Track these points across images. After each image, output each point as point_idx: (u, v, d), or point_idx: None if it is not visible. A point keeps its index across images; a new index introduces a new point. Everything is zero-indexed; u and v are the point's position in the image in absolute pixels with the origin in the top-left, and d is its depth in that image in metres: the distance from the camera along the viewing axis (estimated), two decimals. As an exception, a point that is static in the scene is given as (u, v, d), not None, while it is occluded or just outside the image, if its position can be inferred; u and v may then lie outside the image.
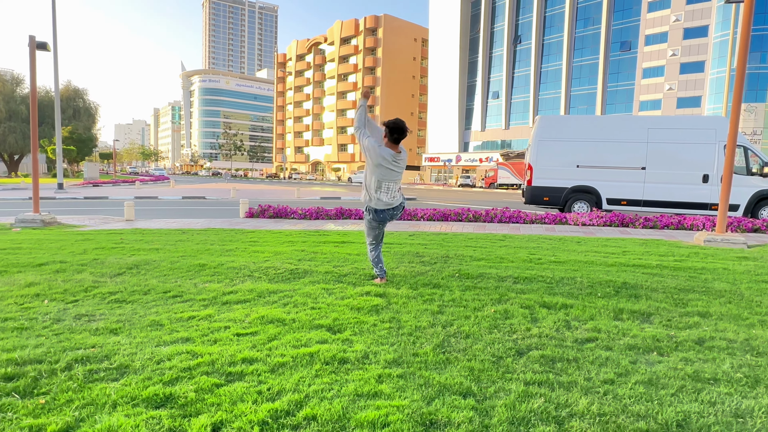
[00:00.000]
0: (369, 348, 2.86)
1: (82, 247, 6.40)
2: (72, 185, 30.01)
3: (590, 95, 54.59)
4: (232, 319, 3.39)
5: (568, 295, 4.03)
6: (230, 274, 4.76)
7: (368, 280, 4.53)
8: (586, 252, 6.09)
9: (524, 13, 59.52)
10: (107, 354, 2.74)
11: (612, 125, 12.53)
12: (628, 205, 12.06)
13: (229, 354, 2.73)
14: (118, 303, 3.82)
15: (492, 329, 3.21)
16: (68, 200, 18.51)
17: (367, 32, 76.85)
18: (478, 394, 2.30)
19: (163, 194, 22.03)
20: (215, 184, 39.57)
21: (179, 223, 9.79)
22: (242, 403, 2.18)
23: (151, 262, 5.31)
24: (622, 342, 2.99)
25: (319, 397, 2.25)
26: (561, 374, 2.53)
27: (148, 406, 2.16)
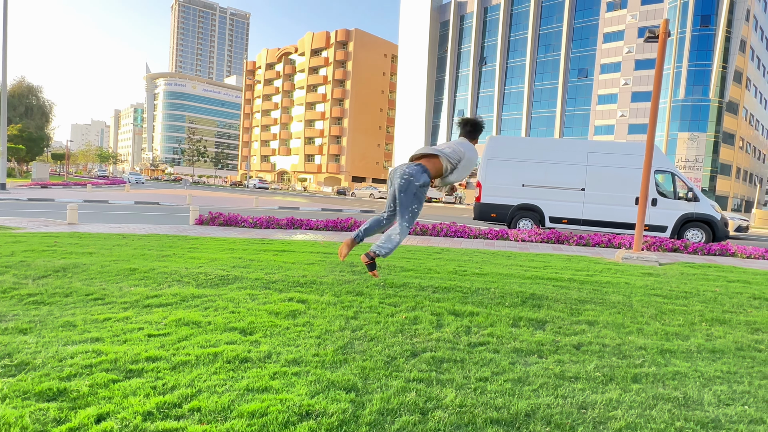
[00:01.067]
0: (274, 349, 3.03)
1: (10, 249, 6.25)
2: (17, 186, 28.60)
3: (550, 118, 57.04)
4: (148, 321, 3.48)
5: (479, 304, 4.33)
6: (159, 278, 4.81)
7: (295, 287, 4.69)
8: (510, 265, 6.47)
9: (490, 36, 61.83)
10: (10, 352, 2.78)
11: (556, 148, 13.28)
12: (569, 223, 12.75)
13: (134, 353, 2.84)
14: (36, 305, 3.82)
15: (397, 333, 3.45)
16: (9, 201, 17.70)
17: (338, 45, 77.57)
18: (361, 389, 2.51)
19: (114, 198, 21.38)
20: (173, 190, 38.60)
21: (124, 228, 9.63)
22: (134, 396, 2.30)
23: (80, 265, 5.28)
24: (509, 346, 3.29)
25: (210, 391, 2.40)
26: (444, 373, 2.78)
27: (39, 399, 2.25)
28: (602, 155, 12.68)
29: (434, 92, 67.38)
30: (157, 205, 19.27)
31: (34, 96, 52.42)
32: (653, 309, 4.39)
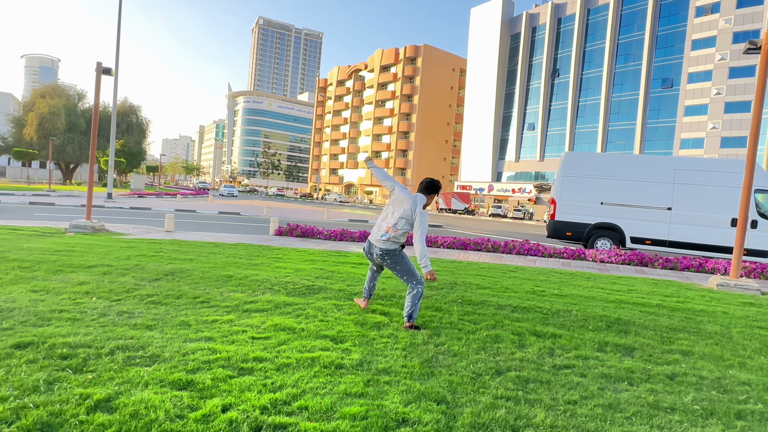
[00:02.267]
0: (364, 357, 3.24)
1: (126, 253, 7.09)
2: (119, 195, 31.96)
3: (629, 131, 53.78)
4: (249, 325, 3.84)
5: (560, 326, 4.28)
6: (253, 285, 5.26)
7: (376, 300, 4.91)
8: (591, 288, 6.26)
9: (563, 47, 59.85)
10: (143, 345, 3.23)
11: (639, 164, 12.58)
12: (653, 244, 11.98)
13: (243, 353, 3.17)
14: (154, 304, 4.35)
15: (479, 351, 3.53)
16: (115, 209, 19.86)
17: (407, 61, 78.90)
18: (450, 402, 2.63)
19: (201, 208, 23.22)
20: (250, 201, 41.07)
21: (214, 236, 10.50)
22: (249, 392, 2.60)
23: (185, 270, 5.89)
24: (597, 371, 3.24)
25: (313, 393, 2.64)
26: (530, 393, 2.82)
27: (172, 387, 2.61)
28: (692, 172, 11.82)
29: (503, 105, 66.19)
30: (238, 215, 20.66)
31: (134, 114, 58.53)
32: (757, 342, 4.08)
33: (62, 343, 3.15)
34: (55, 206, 19.18)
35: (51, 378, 2.63)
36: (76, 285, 4.87)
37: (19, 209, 16.82)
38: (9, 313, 3.80)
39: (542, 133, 60.80)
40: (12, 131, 51.87)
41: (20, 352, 2.97)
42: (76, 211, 17.29)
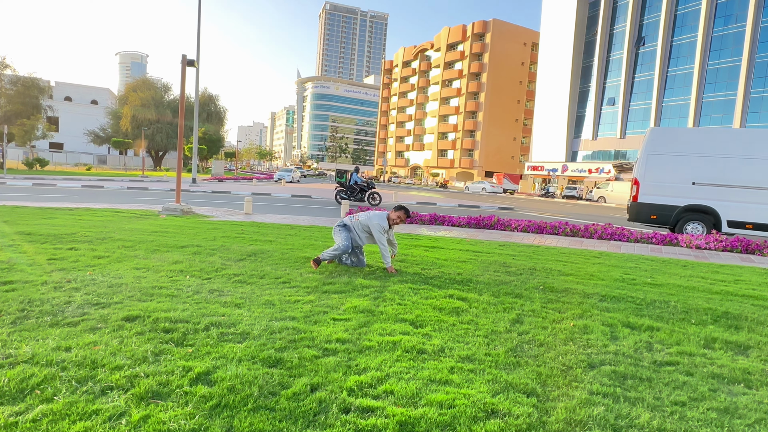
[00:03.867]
0: (446, 343, 3.18)
1: (212, 234, 7.57)
2: (202, 180, 34.30)
3: (728, 102, 48.16)
4: (329, 306, 3.92)
5: (657, 318, 3.93)
6: (330, 267, 5.37)
7: (453, 284, 4.81)
8: (689, 277, 5.69)
9: (650, 12, 54.50)
10: (233, 322, 3.41)
11: (739, 139, 11.19)
12: (755, 229, 10.68)
13: (325, 334, 3.24)
14: (240, 283, 4.59)
15: (567, 341, 3.33)
16: (199, 193, 21.33)
17: (475, 38, 76.16)
18: (541, 395, 2.50)
19: (275, 192, 24.29)
20: (320, 184, 42.26)
21: (289, 219, 10.91)
22: (335, 372, 2.64)
23: (266, 251, 6.15)
24: (706, 370, 2.93)
25: (397, 377, 2.63)
26: (629, 390, 2.61)
27: (263, 364, 2.72)
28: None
29: (580, 80, 61.93)
30: (310, 198, 21.35)
31: (213, 104, 62.15)
32: None
33: (164, 317, 3.41)
34: (149, 190, 21.00)
35: (157, 350, 2.84)
36: (171, 264, 5.26)
37: (119, 193, 18.62)
38: (118, 288, 4.19)
39: (623, 109, 56.22)
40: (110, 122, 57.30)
41: (129, 325, 3.25)
42: (167, 195, 18.79)
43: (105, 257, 5.46)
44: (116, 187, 22.18)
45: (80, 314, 3.45)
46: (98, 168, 51.57)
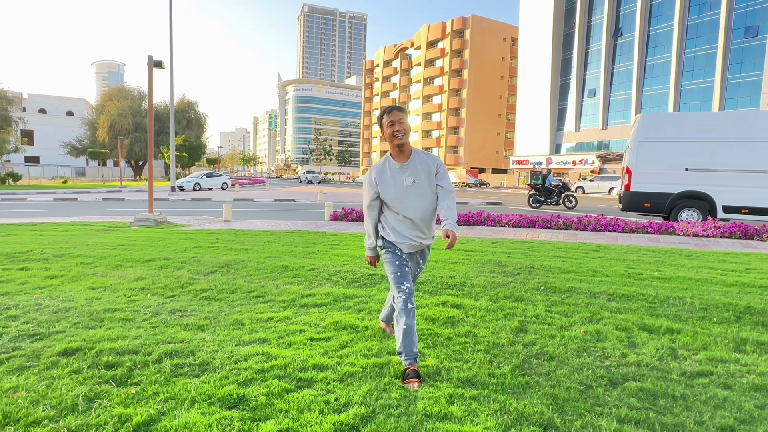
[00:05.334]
0: (441, 363, 2.72)
1: (183, 245, 7.01)
2: (183, 188, 33.39)
3: (706, 89, 48.73)
4: (307, 323, 3.44)
5: (675, 318, 3.52)
6: (310, 276, 4.88)
7: (445, 289, 4.36)
8: (698, 268, 5.33)
9: (627, 3, 54.93)
10: (192, 350, 2.90)
11: (731, 123, 10.96)
12: (751, 213, 10.45)
13: (301, 359, 2.75)
14: (208, 300, 4.07)
15: (581, 352, 2.89)
16: (178, 201, 20.59)
17: (454, 34, 76.08)
18: (561, 427, 2.05)
19: (258, 197, 23.63)
20: (305, 187, 41.60)
21: (270, 224, 10.37)
22: (309, 412, 2.16)
23: (240, 261, 5.64)
24: (745, 380, 2.52)
25: (386, 413, 2.16)
26: (665, 413, 2.17)
27: (222, 405, 2.22)
28: (802, 128, 10.10)
29: (560, 72, 62.20)
30: (294, 202, 20.77)
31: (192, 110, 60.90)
32: None
33: (109, 349, 2.89)
34: (125, 201, 20.19)
35: (92, 393, 2.33)
36: (132, 281, 4.72)
37: (93, 205, 17.82)
38: (64, 314, 3.65)
39: (604, 100, 56.56)
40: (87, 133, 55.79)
41: (66, 360, 2.73)
42: (144, 205, 18.05)
43: (58, 277, 4.89)
44: (91, 199, 21.33)
45: (10, 349, 2.92)
46: (76, 180, 50.16)
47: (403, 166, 2.58)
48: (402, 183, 2.56)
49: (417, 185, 2.56)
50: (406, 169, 2.58)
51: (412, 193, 2.56)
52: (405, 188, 2.56)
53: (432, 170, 2.61)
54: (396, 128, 2.50)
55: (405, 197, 2.56)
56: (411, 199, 2.56)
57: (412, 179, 2.56)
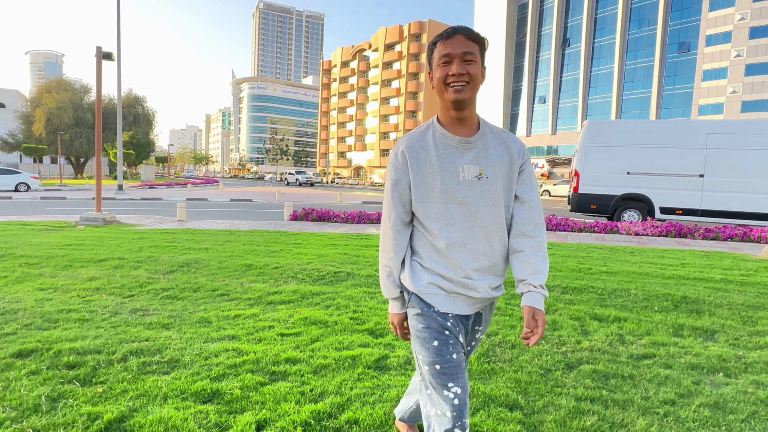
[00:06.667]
0: (411, 354, 2.82)
1: (138, 245, 6.74)
2: (130, 187, 31.83)
3: (644, 99, 52.18)
4: (276, 319, 3.44)
5: (622, 307, 3.82)
6: (275, 274, 4.86)
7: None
8: (640, 263, 5.76)
9: (573, 15, 57.83)
10: (159, 348, 2.84)
11: (667, 130, 11.87)
12: (684, 214, 11.36)
13: (273, 353, 2.77)
14: (170, 299, 3.98)
15: (539, 340, 3.09)
16: (127, 201, 19.63)
17: (412, 38, 77.12)
18: (525, 407, 2.21)
19: (212, 196, 22.94)
20: (261, 187, 40.75)
21: (227, 224, 10.14)
22: (285, 402, 2.19)
23: (200, 261, 5.51)
24: (683, 360, 2.79)
25: (361, 401, 2.23)
26: (615, 391, 2.38)
27: (196, 400, 2.21)
28: (726, 136, 11.09)
29: (513, 79, 64.56)
30: (250, 201, 20.33)
31: (140, 105, 58.14)
32: None
33: (69, 349, 2.78)
34: (67, 200, 19.01)
35: (55, 393, 2.25)
36: (85, 281, 4.51)
37: (30, 204, 16.65)
38: (12, 316, 3.45)
39: (554, 106, 59.29)
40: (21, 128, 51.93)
41: (21, 362, 2.60)
42: (88, 204, 17.08)
43: (1, 278, 4.60)
44: (27, 197, 19.91)
45: (-45, 353, 2.74)
46: (8, 178, 46.52)
47: (464, 142, 1.34)
48: (457, 173, 1.33)
49: (486, 183, 1.34)
50: (471, 148, 1.35)
51: (474, 195, 1.33)
52: (461, 185, 1.33)
53: (515, 161, 1.39)
54: (456, 70, 1.29)
55: (459, 202, 1.33)
56: (470, 207, 1.34)
57: (478, 170, 1.34)
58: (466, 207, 1.33)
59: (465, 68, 1.30)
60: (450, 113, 1.35)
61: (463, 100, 1.31)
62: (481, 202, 1.33)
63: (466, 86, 1.30)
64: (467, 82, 1.30)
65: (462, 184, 1.33)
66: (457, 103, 1.31)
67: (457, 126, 1.36)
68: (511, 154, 1.39)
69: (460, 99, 1.30)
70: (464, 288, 1.34)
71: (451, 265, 1.33)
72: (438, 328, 1.34)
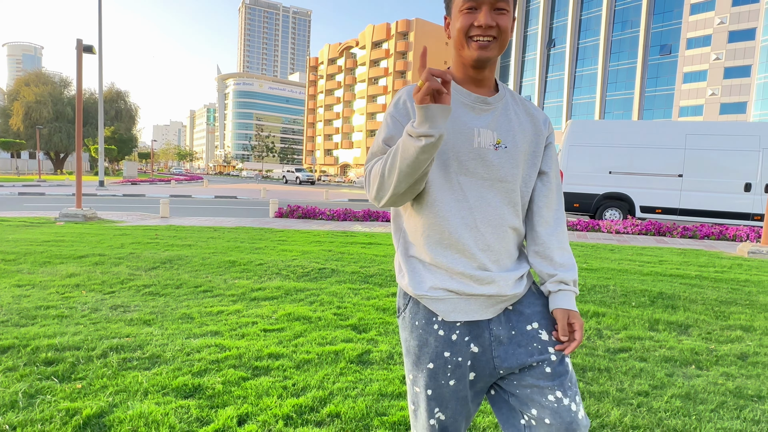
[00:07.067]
0: (394, 348, 2.85)
1: (119, 241, 6.65)
2: (112, 183, 31.28)
3: (627, 100, 53.09)
4: (259, 315, 3.44)
5: (600, 303, 3.90)
6: (259, 271, 4.84)
7: (394, 281, 4.51)
8: (620, 260, 5.89)
9: (559, 16, 58.52)
10: (140, 344, 2.82)
11: (647, 131, 12.12)
12: (663, 213, 11.63)
13: (255, 349, 2.77)
14: (152, 296, 3.94)
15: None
16: (108, 197, 19.30)
17: (399, 36, 77.14)
18: (504, 399, 2.25)
19: (196, 193, 22.68)
20: (246, 184, 40.42)
21: (211, 221, 10.05)
22: (267, 397, 2.20)
23: (183, 257, 5.46)
24: (657, 353, 2.87)
25: (343, 395, 2.25)
26: (592, 383, 2.44)
27: (177, 395, 2.21)
28: (704, 137, 11.37)
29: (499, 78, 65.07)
30: (235, 198, 20.16)
31: (122, 100, 57.11)
32: (817, 313, 3.73)
33: (47, 345, 2.74)
34: (46, 196, 18.61)
35: (32, 389, 2.22)
36: (65, 277, 4.44)
37: (8, 200, 16.25)
38: (-12, 312, 3.38)
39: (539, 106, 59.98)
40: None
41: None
42: (67, 200, 16.74)
43: (-24, 274, 4.49)
44: (5, 193, 19.43)
45: (-72, 350, 2.68)
46: (-16, 173, 45.37)
47: (482, 101, 1.09)
48: (471, 138, 1.06)
49: (504, 154, 1.08)
50: (488, 110, 1.09)
51: (490, 167, 1.07)
52: (475, 153, 1.06)
53: (541, 132, 1.16)
54: (484, 21, 1.02)
55: (470, 173, 1.06)
56: (484, 182, 1.07)
57: (496, 137, 1.08)
58: (480, 180, 1.06)
59: (495, 19, 1.02)
60: (467, 72, 1.09)
61: (487, 60, 1.04)
62: (497, 176, 1.06)
63: (493, 42, 1.03)
64: (495, 37, 1.03)
65: (476, 152, 1.05)
66: (479, 62, 1.05)
67: (473, 86, 1.10)
68: (535, 124, 1.14)
69: (485, 58, 1.03)
70: (479, 284, 1.05)
71: (460, 255, 1.05)
72: (437, 346, 1.06)
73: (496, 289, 1.06)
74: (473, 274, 1.05)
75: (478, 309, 1.07)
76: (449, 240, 1.05)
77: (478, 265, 1.06)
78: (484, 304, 1.07)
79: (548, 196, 1.15)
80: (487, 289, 1.05)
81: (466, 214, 1.05)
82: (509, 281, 1.07)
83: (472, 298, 1.06)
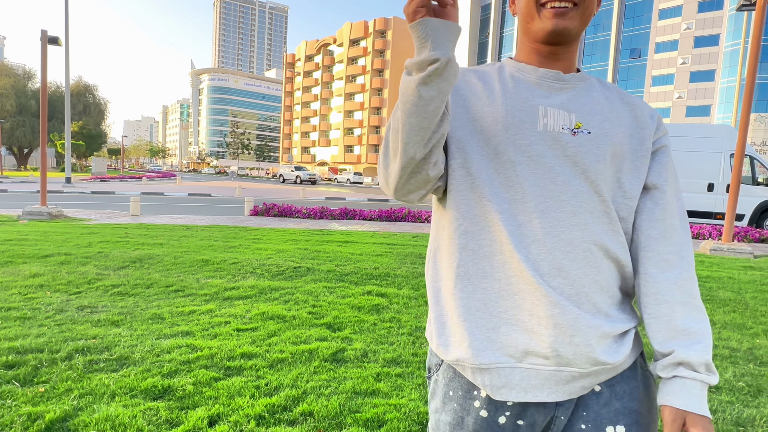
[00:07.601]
0: (368, 347, 2.86)
1: (87, 240, 6.45)
2: (80, 180, 30.23)
3: (598, 102, 54.43)
4: (232, 315, 3.40)
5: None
6: (233, 270, 4.78)
7: (370, 279, 4.52)
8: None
9: (534, 18, 59.48)
10: (108, 345, 2.75)
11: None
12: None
13: (228, 349, 2.74)
14: (121, 296, 3.84)
15: None
16: (76, 194, 18.65)
17: (377, 34, 77.08)
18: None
19: (169, 191, 22.15)
20: (221, 182, 39.71)
21: (184, 219, 9.84)
22: (240, 397, 2.18)
23: (154, 256, 5.34)
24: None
25: (316, 393, 2.25)
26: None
27: (146, 397, 2.16)
28: (671, 139, 11.79)
29: (475, 79, 65.82)
30: (209, 196, 19.79)
31: (91, 94, 55.22)
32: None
33: (8, 348, 2.64)
34: (8, 193, 17.86)
35: (-8, 394, 2.14)
36: (28, 278, 4.28)
37: (-34, 197, 15.53)
38: (-56, 315, 3.23)
39: (514, 106, 60.89)
40: (-44, 115, 48.24)
41: (-46, 363, 2.45)
42: (31, 197, 16.10)
43: (-68, 275, 4.29)
44: (-36, 190, 18.55)
45: None
46: (-59, 168, 43.13)
47: (553, 75, 0.78)
48: (535, 117, 0.74)
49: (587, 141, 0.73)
50: (564, 88, 0.78)
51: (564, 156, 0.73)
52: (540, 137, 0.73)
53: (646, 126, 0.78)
54: None
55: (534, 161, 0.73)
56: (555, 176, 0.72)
57: (574, 119, 0.75)
58: (549, 173, 0.72)
59: None
60: (539, 51, 0.78)
61: (565, 31, 0.74)
62: (575, 171, 0.72)
63: (572, 10, 0.73)
64: (575, 5, 0.73)
65: (541, 137, 0.73)
66: (555, 35, 0.74)
67: (548, 57, 0.78)
68: (636, 114, 0.79)
69: (561, 28, 0.73)
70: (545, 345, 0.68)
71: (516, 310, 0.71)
72: (477, 430, 0.73)
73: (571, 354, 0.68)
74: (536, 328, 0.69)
75: (543, 384, 0.70)
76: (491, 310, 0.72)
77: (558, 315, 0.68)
78: (552, 379, 0.69)
79: (664, 222, 0.75)
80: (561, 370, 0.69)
81: (529, 226, 0.71)
82: (596, 334, 0.68)
83: (532, 371, 0.70)
